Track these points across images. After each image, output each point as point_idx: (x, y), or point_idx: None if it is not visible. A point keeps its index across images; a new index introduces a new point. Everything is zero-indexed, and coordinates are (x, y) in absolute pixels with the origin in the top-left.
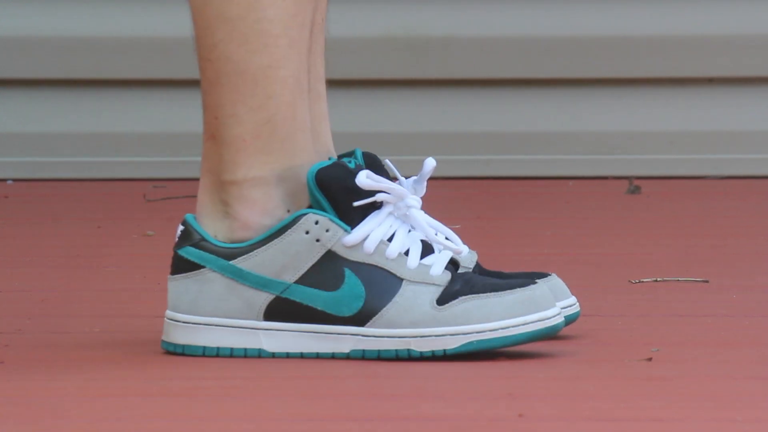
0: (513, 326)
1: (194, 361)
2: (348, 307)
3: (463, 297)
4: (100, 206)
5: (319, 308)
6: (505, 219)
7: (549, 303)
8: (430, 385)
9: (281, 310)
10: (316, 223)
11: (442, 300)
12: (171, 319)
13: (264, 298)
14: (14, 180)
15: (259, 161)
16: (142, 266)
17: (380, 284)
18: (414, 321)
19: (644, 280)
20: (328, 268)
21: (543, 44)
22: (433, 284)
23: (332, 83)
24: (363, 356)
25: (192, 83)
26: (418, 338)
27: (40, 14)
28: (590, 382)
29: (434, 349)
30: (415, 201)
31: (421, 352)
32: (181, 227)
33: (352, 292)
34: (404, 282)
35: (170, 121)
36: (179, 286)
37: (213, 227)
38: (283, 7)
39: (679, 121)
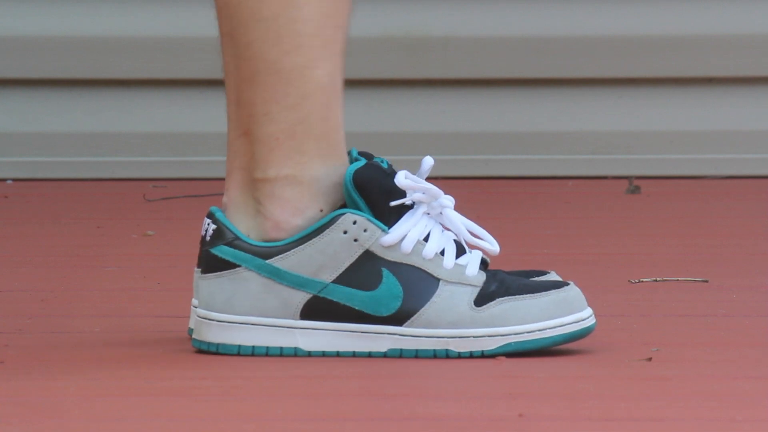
0: (550, 328)
1: (194, 361)
2: (386, 307)
3: (500, 299)
4: (100, 206)
5: (356, 308)
6: (504, 219)
7: (582, 304)
8: (430, 385)
9: (318, 309)
10: (354, 223)
11: (480, 301)
12: (204, 318)
13: (301, 298)
14: (14, 180)
15: (292, 160)
16: (142, 266)
17: (418, 284)
18: (452, 321)
19: (644, 280)
20: (366, 268)
21: (543, 44)
22: (470, 285)
23: None
24: (401, 355)
25: (192, 83)
26: (457, 339)
27: (40, 14)
28: (590, 382)
29: (472, 349)
30: (449, 200)
31: (459, 353)
32: (211, 225)
33: (390, 291)
34: (441, 282)
35: (170, 121)
36: (213, 284)
37: (245, 225)
38: (317, 7)
39: (679, 121)
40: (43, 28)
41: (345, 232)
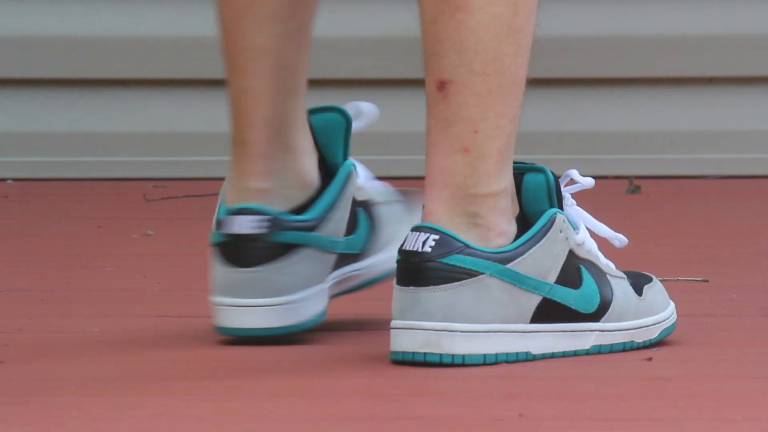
0: (672, 313)
1: (194, 361)
2: (590, 304)
3: (645, 287)
4: (100, 206)
5: (572, 307)
6: None
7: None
8: (430, 385)
9: (546, 311)
10: (563, 222)
11: (636, 291)
12: (445, 330)
13: (534, 301)
14: (14, 180)
15: (505, 172)
16: (142, 266)
17: (601, 280)
18: (633, 313)
19: None
20: (571, 267)
21: (543, 44)
22: (622, 277)
23: (332, 83)
24: (599, 351)
25: (192, 83)
26: (641, 329)
27: (40, 14)
28: (590, 382)
29: (646, 339)
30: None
31: (639, 343)
32: (434, 237)
33: (590, 288)
34: (608, 276)
35: (170, 121)
36: (452, 294)
37: (462, 236)
38: (535, 20)
39: (679, 121)
40: (43, 28)
41: (560, 232)
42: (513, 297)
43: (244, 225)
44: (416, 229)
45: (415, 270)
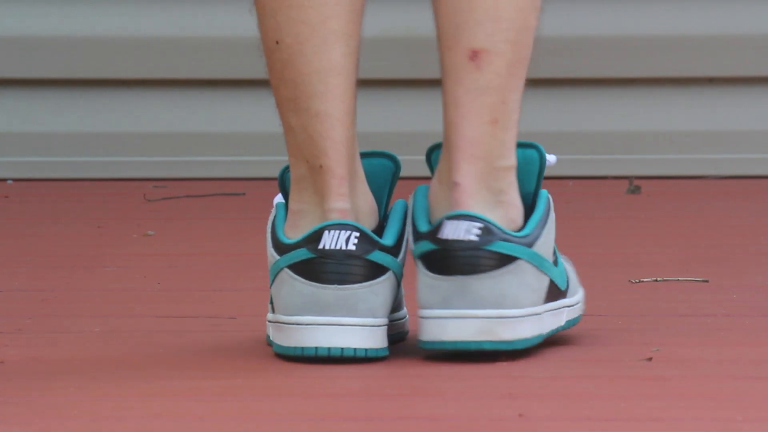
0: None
1: (194, 361)
2: (563, 281)
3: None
4: (100, 206)
5: (558, 285)
6: None
7: None
8: (430, 385)
9: (549, 291)
10: (549, 200)
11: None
12: (498, 317)
13: (546, 282)
14: (14, 180)
15: (515, 146)
16: (142, 266)
17: (562, 256)
18: (573, 288)
19: (644, 280)
20: (552, 246)
21: (543, 44)
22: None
23: None
24: (567, 327)
25: (192, 83)
26: (579, 304)
27: (40, 14)
28: (590, 382)
29: (568, 319)
30: None
31: (569, 321)
32: (478, 225)
33: (561, 265)
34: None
35: (170, 121)
36: (499, 282)
37: (490, 216)
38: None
39: (679, 121)
40: (43, 28)
41: (554, 212)
42: (538, 280)
43: (340, 241)
44: (454, 217)
45: (461, 258)
